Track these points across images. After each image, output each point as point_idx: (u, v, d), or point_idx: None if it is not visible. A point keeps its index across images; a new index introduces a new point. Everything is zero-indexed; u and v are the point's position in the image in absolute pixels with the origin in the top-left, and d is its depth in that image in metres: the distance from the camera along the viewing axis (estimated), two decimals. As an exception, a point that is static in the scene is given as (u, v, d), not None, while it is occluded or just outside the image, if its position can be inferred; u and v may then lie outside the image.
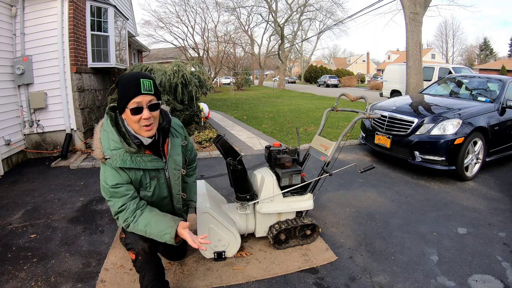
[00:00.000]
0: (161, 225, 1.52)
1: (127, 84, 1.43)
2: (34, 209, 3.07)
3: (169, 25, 24.38)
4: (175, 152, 1.67)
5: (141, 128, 1.46)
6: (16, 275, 2.04)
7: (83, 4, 5.22)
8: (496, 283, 1.98)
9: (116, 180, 1.46)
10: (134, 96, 1.41)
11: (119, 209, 1.49)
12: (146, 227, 1.51)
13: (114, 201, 1.49)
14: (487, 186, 3.64)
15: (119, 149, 1.45)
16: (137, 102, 1.41)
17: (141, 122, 1.44)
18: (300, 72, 48.79)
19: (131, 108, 1.41)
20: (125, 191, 1.49)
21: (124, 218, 1.50)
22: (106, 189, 1.48)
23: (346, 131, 2.37)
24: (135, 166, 1.48)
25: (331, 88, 28.12)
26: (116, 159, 1.44)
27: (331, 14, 30.05)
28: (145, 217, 1.52)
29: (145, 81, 1.43)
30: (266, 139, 5.97)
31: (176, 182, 1.68)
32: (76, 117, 5.05)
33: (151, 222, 1.52)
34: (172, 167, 1.65)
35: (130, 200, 1.51)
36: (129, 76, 1.46)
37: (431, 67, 11.04)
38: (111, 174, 1.46)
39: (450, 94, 5.03)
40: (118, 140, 1.46)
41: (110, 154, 1.45)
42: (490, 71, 24.18)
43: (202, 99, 7.73)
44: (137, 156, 1.50)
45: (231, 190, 3.07)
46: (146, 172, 1.54)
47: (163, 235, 1.51)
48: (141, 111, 1.43)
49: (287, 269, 2.10)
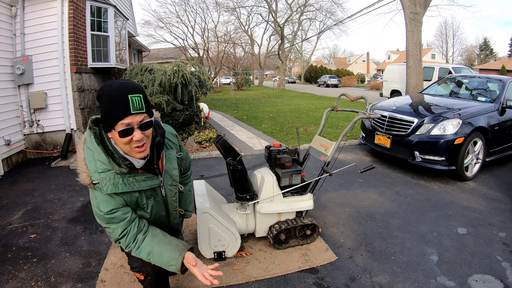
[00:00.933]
0: (164, 256, 1.37)
1: (113, 101, 1.17)
2: (34, 209, 3.07)
3: (169, 25, 24.43)
4: (170, 167, 1.49)
5: (133, 150, 1.24)
6: (16, 275, 2.04)
7: (83, 4, 5.22)
8: (496, 283, 1.98)
9: (110, 206, 1.28)
10: (122, 118, 1.17)
11: (119, 236, 1.33)
12: (149, 256, 1.37)
13: (113, 228, 1.31)
14: (487, 186, 3.64)
15: (108, 171, 1.25)
16: (126, 123, 1.18)
17: (132, 144, 1.22)
18: (300, 72, 48.80)
19: (119, 130, 1.18)
20: (122, 215, 1.31)
21: (125, 244, 1.35)
22: (101, 216, 1.29)
23: (346, 131, 2.37)
24: (129, 189, 1.30)
25: (331, 88, 28.13)
26: (107, 184, 1.24)
27: (331, 14, 30.11)
28: (147, 243, 1.37)
29: (134, 97, 1.18)
30: (266, 139, 5.97)
31: (173, 199, 1.52)
32: (76, 117, 5.05)
33: (154, 252, 1.37)
34: (168, 183, 1.48)
35: (130, 223, 1.34)
36: (114, 90, 1.19)
37: (431, 67, 11.05)
38: (103, 200, 1.27)
39: (450, 94, 5.03)
40: (106, 161, 1.25)
41: (98, 178, 1.24)
42: (490, 71, 24.17)
43: (202, 99, 7.72)
44: (129, 176, 1.30)
45: (231, 190, 3.07)
46: (141, 193, 1.36)
47: (167, 266, 1.37)
48: (131, 132, 1.20)
49: (287, 269, 2.10)
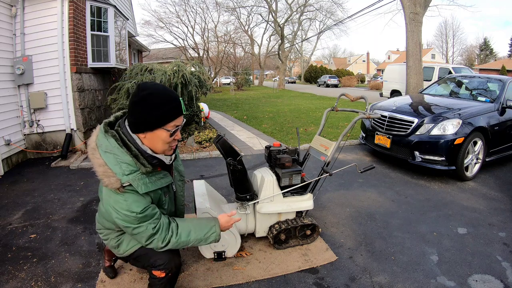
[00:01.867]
0: (204, 226, 1.47)
1: (168, 103, 1.29)
2: (34, 209, 3.07)
3: (169, 25, 24.43)
4: (177, 163, 1.65)
5: (169, 148, 1.38)
6: (16, 275, 2.04)
7: (83, 4, 5.22)
8: (496, 283, 1.98)
9: (142, 205, 1.30)
10: (176, 118, 1.32)
11: (154, 231, 1.34)
12: (190, 236, 1.42)
13: (146, 225, 1.33)
14: (487, 186, 3.64)
15: (134, 173, 1.29)
16: (177, 125, 1.34)
17: (171, 143, 1.36)
18: (300, 72, 48.80)
19: (172, 130, 1.31)
20: (152, 211, 1.35)
21: (162, 237, 1.36)
22: (133, 217, 1.29)
23: (346, 131, 2.37)
24: (156, 187, 1.37)
25: (331, 88, 28.13)
26: (139, 185, 1.29)
27: (331, 14, 30.11)
28: (182, 227, 1.43)
29: (181, 101, 1.38)
30: (266, 139, 5.97)
31: (181, 194, 1.66)
32: (76, 117, 5.05)
33: (192, 229, 1.44)
34: (177, 178, 1.63)
35: (159, 218, 1.38)
36: (166, 94, 1.31)
37: (431, 67, 11.05)
38: (135, 200, 1.29)
39: (450, 94, 5.03)
40: (132, 162, 1.29)
41: (128, 180, 1.27)
42: (490, 71, 24.17)
43: (202, 99, 7.72)
44: (152, 175, 1.37)
45: (231, 190, 3.07)
46: (162, 190, 1.45)
47: (210, 235, 1.47)
48: (176, 132, 1.36)
49: (287, 269, 2.10)
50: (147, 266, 1.52)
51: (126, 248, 1.54)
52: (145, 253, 1.50)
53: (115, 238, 1.57)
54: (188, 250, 2.28)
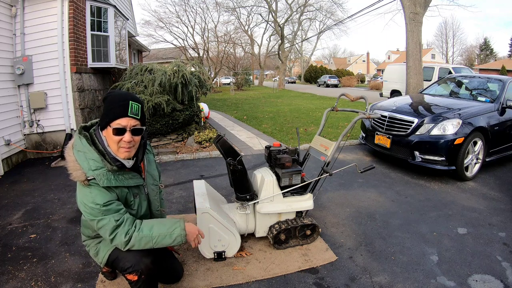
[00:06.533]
0: (166, 224, 1.50)
1: (115, 102, 1.41)
2: (34, 209, 3.07)
3: (169, 25, 24.40)
4: (151, 167, 1.70)
5: (119, 149, 1.43)
6: (16, 275, 2.04)
7: (83, 4, 5.22)
8: (496, 283, 1.98)
9: (106, 198, 1.39)
10: (120, 117, 1.39)
11: (116, 223, 1.40)
12: (152, 230, 1.45)
13: (108, 218, 1.39)
14: (487, 186, 3.64)
15: (100, 169, 1.40)
16: (122, 124, 1.40)
17: (120, 143, 1.42)
18: (300, 72, 48.79)
19: (114, 127, 1.39)
20: (116, 206, 1.42)
21: (125, 231, 1.41)
22: (96, 209, 1.37)
23: (346, 131, 2.37)
24: (120, 184, 1.44)
25: (331, 88, 28.12)
26: (102, 179, 1.38)
27: (331, 14, 30.09)
28: (146, 223, 1.48)
29: (134, 104, 1.42)
30: (266, 139, 5.97)
31: (155, 198, 1.68)
32: (76, 117, 5.05)
33: (154, 224, 1.48)
34: (150, 182, 1.66)
35: (124, 213, 1.44)
36: (118, 95, 1.44)
37: (431, 67, 11.05)
38: (99, 193, 1.38)
39: (450, 94, 5.03)
40: (99, 159, 1.41)
41: (93, 174, 1.37)
42: (490, 71, 24.16)
43: (202, 99, 7.73)
44: (119, 174, 1.45)
45: (231, 190, 3.07)
46: (130, 190, 1.51)
47: (172, 231, 1.48)
48: (123, 133, 1.41)
49: (287, 269, 2.10)
50: (122, 272, 1.56)
51: (102, 255, 1.60)
52: (116, 257, 1.55)
53: (94, 246, 1.65)
54: (188, 250, 2.28)
